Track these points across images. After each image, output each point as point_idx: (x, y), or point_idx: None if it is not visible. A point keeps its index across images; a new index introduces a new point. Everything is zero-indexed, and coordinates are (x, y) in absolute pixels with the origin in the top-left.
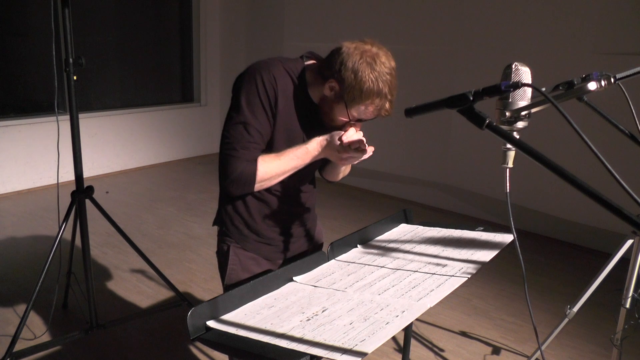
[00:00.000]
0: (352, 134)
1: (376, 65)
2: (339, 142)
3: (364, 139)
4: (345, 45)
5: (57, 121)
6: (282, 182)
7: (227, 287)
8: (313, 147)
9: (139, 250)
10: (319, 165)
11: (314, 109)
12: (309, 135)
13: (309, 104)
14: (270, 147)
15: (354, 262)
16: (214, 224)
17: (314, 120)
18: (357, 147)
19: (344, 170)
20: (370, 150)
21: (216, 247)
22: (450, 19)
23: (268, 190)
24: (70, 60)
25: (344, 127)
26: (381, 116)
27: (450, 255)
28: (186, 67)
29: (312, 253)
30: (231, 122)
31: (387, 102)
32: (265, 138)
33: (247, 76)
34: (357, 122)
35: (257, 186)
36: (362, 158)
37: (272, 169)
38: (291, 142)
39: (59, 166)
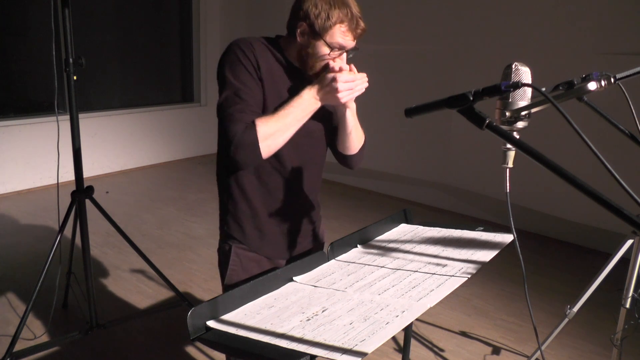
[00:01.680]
0: (339, 62)
1: None
2: (330, 76)
3: (353, 66)
4: None
5: (57, 121)
6: (285, 174)
7: (226, 287)
8: (307, 94)
9: (139, 250)
10: (327, 143)
11: (298, 73)
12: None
13: (292, 68)
14: (265, 114)
15: (354, 262)
16: (220, 227)
17: (301, 84)
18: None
19: (355, 127)
20: (363, 75)
21: (218, 245)
22: (450, 18)
23: (272, 182)
24: (70, 60)
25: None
26: (359, 35)
27: (450, 255)
28: (186, 67)
29: (313, 252)
30: (222, 97)
31: (358, 19)
32: (259, 102)
33: (226, 52)
34: (339, 51)
35: (264, 147)
36: (360, 87)
37: (272, 125)
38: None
39: (59, 166)
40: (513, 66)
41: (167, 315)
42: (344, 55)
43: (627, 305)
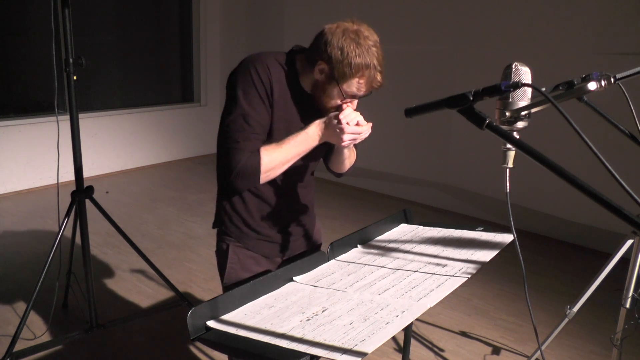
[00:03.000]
0: (349, 111)
1: (360, 39)
2: (336, 121)
3: (361, 116)
4: (327, 27)
5: (57, 121)
6: (280, 178)
7: (226, 286)
8: (313, 131)
9: (139, 250)
10: (320, 155)
11: (308, 99)
12: (307, 125)
13: (303, 94)
14: (270, 139)
15: (354, 262)
16: (214, 226)
17: (311, 109)
18: (355, 123)
19: (349, 156)
20: (369, 126)
21: (215, 246)
22: (450, 18)
23: (266, 186)
24: (70, 60)
25: (339, 108)
26: (374, 89)
27: (450, 255)
28: (186, 67)
29: (310, 253)
30: (230, 116)
31: (378, 73)
32: (265, 128)
33: (240, 69)
34: (351, 99)
35: (263, 177)
36: (363, 135)
37: (275, 157)
38: (290, 132)
39: (59, 166)
40: (513, 66)
41: (167, 315)
42: (356, 100)
43: (627, 305)
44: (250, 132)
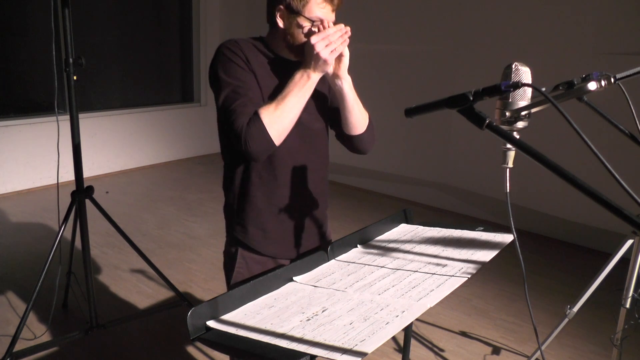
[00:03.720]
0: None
1: None
2: (308, 43)
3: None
4: None
5: (57, 121)
6: (289, 176)
7: (231, 288)
8: (298, 73)
9: (139, 250)
10: (324, 117)
11: (287, 65)
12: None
13: (281, 62)
14: None
15: (354, 262)
16: (225, 212)
17: (292, 74)
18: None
19: (356, 102)
20: (340, 27)
21: (224, 247)
22: (450, 18)
23: (274, 179)
24: (70, 60)
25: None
26: (337, 6)
27: (450, 255)
28: (186, 67)
29: (313, 252)
30: (221, 98)
31: None
32: (258, 94)
33: (215, 56)
34: (321, 23)
35: (273, 132)
36: (338, 37)
37: (274, 109)
38: None
39: (59, 166)
40: (513, 66)
41: (167, 315)
42: (328, 25)
43: (627, 305)
44: (245, 100)
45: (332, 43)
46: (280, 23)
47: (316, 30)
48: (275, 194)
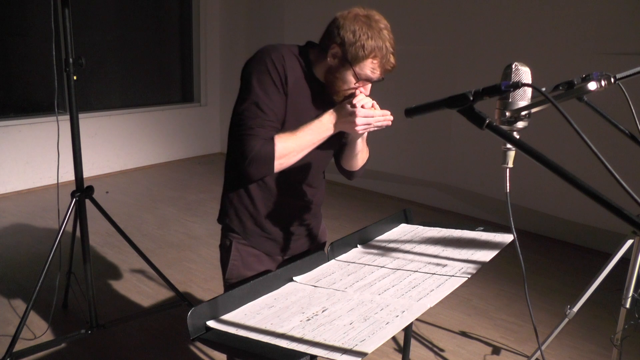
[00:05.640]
0: (362, 96)
1: (372, 22)
2: (349, 106)
3: (375, 102)
4: (339, 14)
5: (57, 121)
6: (289, 177)
7: (227, 282)
8: (327, 119)
9: (139, 250)
10: (333, 148)
11: (322, 89)
12: (321, 114)
13: (317, 83)
14: (282, 128)
15: (354, 262)
16: (219, 220)
17: (324, 100)
18: (370, 106)
19: (362, 150)
20: (385, 113)
21: (219, 241)
22: (450, 18)
23: (275, 183)
24: (70, 60)
25: (352, 96)
26: (388, 71)
27: (450, 255)
28: (186, 67)
29: (314, 252)
30: (243, 104)
31: (391, 55)
32: (279, 117)
33: (255, 58)
34: (365, 83)
35: (277, 164)
36: (377, 121)
37: (289, 145)
38: (303, 122)
39: (59, 166)
40: (513, 66)
41: (167, 315)
42: (369, 85)
43: (627, 305)
44: (264, 119)
45: (372, 125)
46: (330, 60)
47: (356, 93)
48: (272, 194)
